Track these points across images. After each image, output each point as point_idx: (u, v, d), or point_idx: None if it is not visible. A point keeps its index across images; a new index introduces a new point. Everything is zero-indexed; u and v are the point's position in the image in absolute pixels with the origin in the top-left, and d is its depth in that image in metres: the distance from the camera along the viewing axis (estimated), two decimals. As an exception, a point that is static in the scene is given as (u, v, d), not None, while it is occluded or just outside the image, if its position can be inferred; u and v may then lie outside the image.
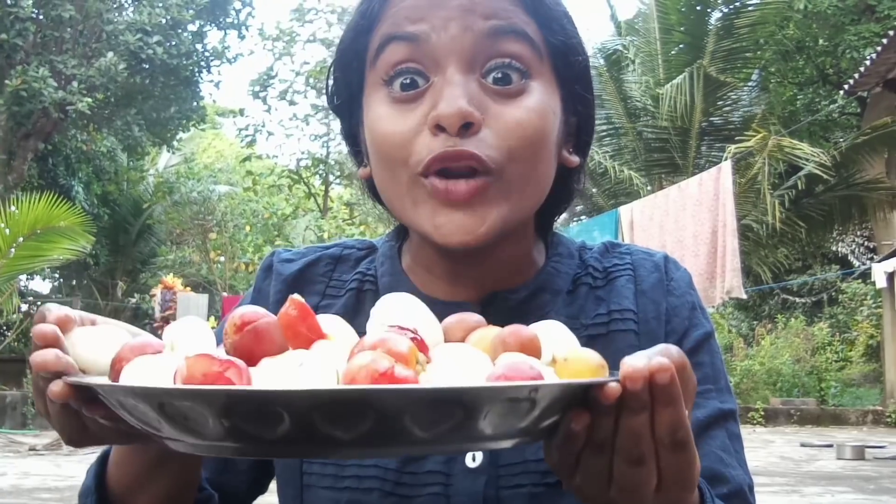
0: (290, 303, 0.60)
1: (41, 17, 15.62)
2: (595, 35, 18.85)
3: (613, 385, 0.55)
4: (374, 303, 0.67)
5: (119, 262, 20.75)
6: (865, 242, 19.27)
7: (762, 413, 15.16)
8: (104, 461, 0.80)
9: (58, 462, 9.72)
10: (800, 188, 13.58)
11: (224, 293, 17.83)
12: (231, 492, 0.91)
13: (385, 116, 0.80)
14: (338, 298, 0.91)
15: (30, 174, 16.74)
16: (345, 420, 0.50)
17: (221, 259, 20.74)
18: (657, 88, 14.54)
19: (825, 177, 12.59)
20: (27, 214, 10.07)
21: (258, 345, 0.57)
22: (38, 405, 0.64)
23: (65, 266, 17.55)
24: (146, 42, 15.92)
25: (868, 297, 17.44)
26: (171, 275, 16.93)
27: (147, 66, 16.52)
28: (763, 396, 15.77)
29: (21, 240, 10.21)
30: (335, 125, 24.11)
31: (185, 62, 17.16)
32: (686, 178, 10.11)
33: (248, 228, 20.88)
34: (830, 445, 11.36)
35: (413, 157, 0.79)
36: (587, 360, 0.59)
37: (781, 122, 16.39)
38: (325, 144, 25.55)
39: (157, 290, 15.50)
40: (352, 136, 0.90)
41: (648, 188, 14.26)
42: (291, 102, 25.68)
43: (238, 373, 0.53)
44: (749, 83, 15.61)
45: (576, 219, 14.62)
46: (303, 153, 26.25)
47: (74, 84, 15.22)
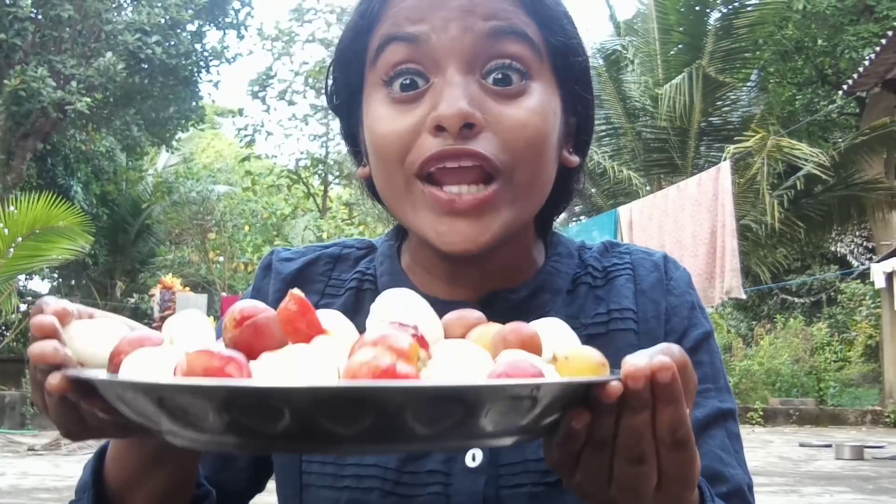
0: (290, 297, 0.60)
1: (40, 17, 15.61)
2: (594, 35, 18.84)
3: (615, 384, 0.55)
4: (373, 302, 0.67)
5: (118, 262, 20.73)
6: (864, 242, 19.28)
7: (761, 413, 15.15)
8: (101, 456, 0.80)
9: (56, 462, 9.70)
10: (799, 188, 13.59)
11: (223, 293, 17.81)
12: (230, 490, 0.91)
13: (385, 117, 0.80)
14: (337, 298, 0.91)
15: (28, 174, 16.73)
16: (346, 416, 0.49)
17: (220, 259, 20.72)
18: (656, 88, 14.54)
19: (824, 177, 12.60)
20: (26, 214, 10.07)
21: (258, 339, 0.57)
22: (36, 398, 0.64)
23: (63, 266, 17.53)
24: (145, 42, 15.90)
25: (867, 298, 17.44)
26: (170, 275, 16.91)
27: (146, 66, 16.51)
28: (762, 396, 15.77)
29: (20, 240, 10.21)
30: (334, 125, 24.17)
31: (184, 62, 17.14)
32: (685, 179, 10.11)
33: (247, 228, 20.85)
34: (829, 445, 11.35)
35: (410, 157, 0.79)
36: (588, 359, 0.59)
37: (780, 123, 16.40)
38: (325, 144, 25.54)
39: (156, 290, 15.49)
40: (351, 136, 0.90)
41: (647, 188, 14.26)
42: (290, 102, 25.67)
43: (238, 368, 0.53)
44: (748, 83, 15.61)
45: (575, 219, 14.62)
46: (302, 153, 26.24)
47: (73, 84, 15.21)
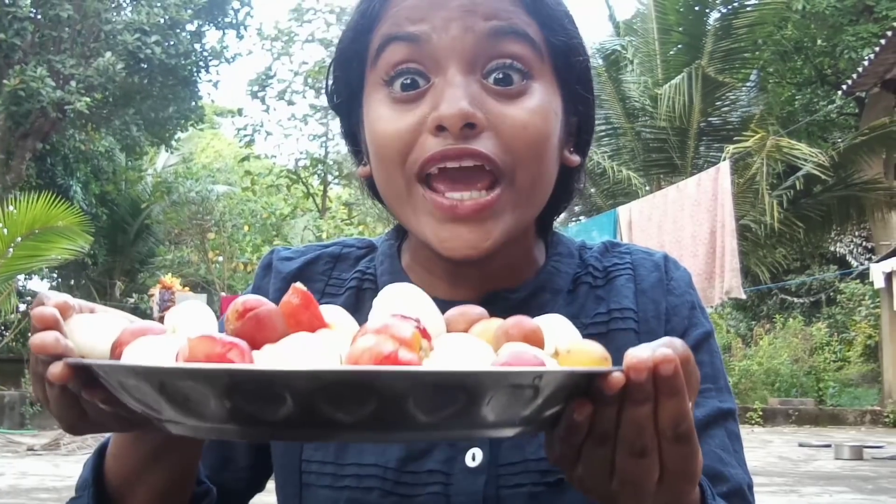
0: (293, 291, 0.60)
1: (39, 17, 15.61)
2: (593, 35, 18.84)
3: (617, 375, 0.54)
4: (373, 302, 0.66)
5: (117, 262, 20.73)
6: (863, 243, 19.29)
7: (760, 413, 15.15)
8: (102, 454, 0.79)
9: (56, 462, 9.70)
10: (798, 188, 13.59)
11: (222, 293, 17.80)
12: (230, 489, 0.91)
13: (385, 117, 0.80)
14: (337, 297, 0.91)
15: (28, 174, 16.73)
16: (348, 402, 0.49)
17: (220, 259, 20.71)
18: (655, 89, 14.54)
19: (823, 177, 12.60)
20: (25, 214, 10.07)
21: (260, 332, 0.57)
22: (37, 391, 0.63)
23: (63, 266, 17.52)
24: (144, 42, 15.90)
25: (866, 298, 17.45)
26: (170, 275, 16.90)
27: (145, 66, 16.51)
28: (761, 396, 15.77)
29: (19, 239, 10.21)
30: (333, 125, 24.17)
31: (184, 62, 17.14)
32: (684, 179, 10.11)
33: (247, 228, 20.84)
34: (829, 445, 11.36)
35: (411, 157, 0.79)
36: (590, 352, 0.58)
37: (780, 123, 16.41)
38: (324, 144, 25.54)
39: (156, 290, 15.49)
40: (352, 135, 0.90)
41: (647, 188, 14.26)
42: (290, 102, 25.67)
43: (240, 354, 0.53)
44: (747, 83, 15.60)
45: (574, 219, 14.61)
46: (301, 153, 26.28)
47: (73, 84, 15.21)
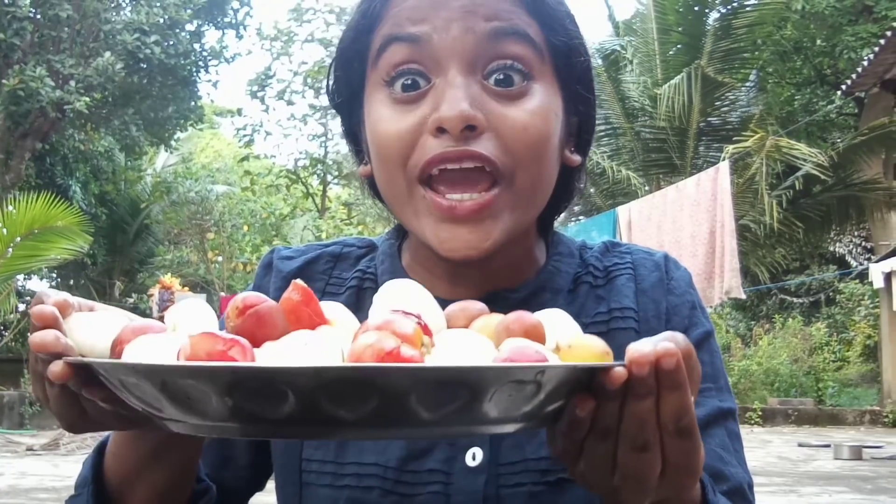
0: (294, 287, 0.60)
1: (39, 17, 15.60)
2: (593, 35, 18.83)
3: (619, 369, 0.55)
4: (373, 301, 0.66)
5: (117, 262, 20.72)
6: (863, 243, 19.29)
7: (760, 413, 15.15)
8: (101, 452, 0.79)
9: (55, 462, 9.70)
10: (797, 188, 13.60)
11: (222, 293, 17.79)
12: (229, 488, 0.90)
13: (386, 117, 0.80)
14: (338, 296, 0.91)
15: (27, 174, 16.72)
16: (350, 399, 0.49)
17: (219, 259, 20.71)
18: (655, 89, 14.54)
19: (823, 177, 12.61)
20: (24, 214, 10.06)
21: (260, 329, 0.56)
22: (37, 390, 0.63)
23: (62, 266, 17.52)
24: (144, 42, 15.90)
25: (865, 298, 17.45)
26: (169, 275, 16.90)
27: (145, 66, 16.50)
28: (761, 396, 15.77)
29: (18, 239, 10.20)
30: (333, 125, 24.19)
31: (183, 62, 17.14)
32: (684, 179, 10.10)
33: (246, 228, 20.84)
34: (828, 445, 11.36)
35: (412, 159, 0.79)
36: (591, 347, 0.58)
37: (779, 123, 16.41)
38: (323, 144, 25.55)
39: (155, 290, 15.48)
40: (352, 134, 0.90)
41: (646, 188, 14.25)
42: (289, 102, 25.68)
43: (242, 351, 0.52)
44: (747, 83, 15.60)
45: (574, 219, 14.60)
46: (301, 153, 26.28)
47: (72, 83, 15.20)
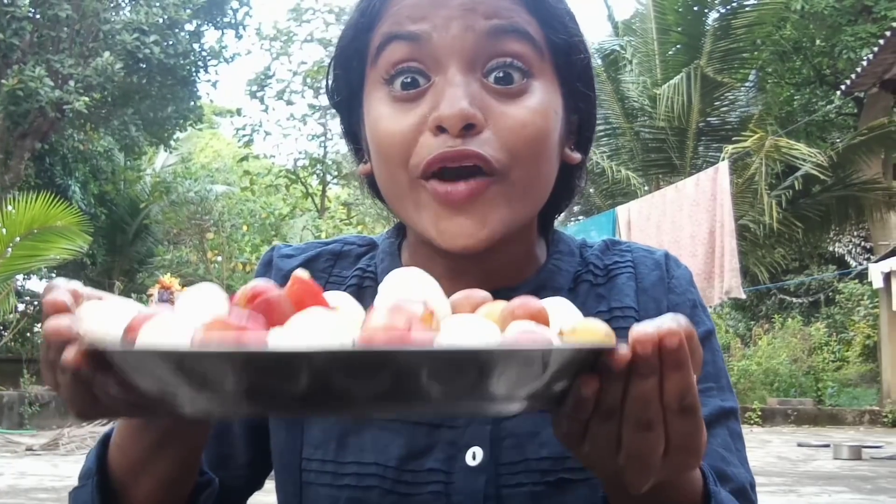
0: (294, 280, 0.60)
1: (38, 17, 15.61)
2: (592, 35, 18.84)
3: (624, 349, 0.56)
4: (374, 299, 0.66)
5: (116, 262, 20.73)
6: (862, 243, 19.32)
7: (759, 413, 15.16)
8: (105, 444, 0.79)
9: (55, 462, 9.70)
10: (797, 188, 13.63)
11: (221, 293, 17.78)
12: (229, 486, 0.90)
13: (386, 116, 0.80)
14: (338, 295, 0.91)
15: (27, 174, 16.73)
16: (364, 378, 0.50)
17: (219, 259, 20.72)
18: (654, 89, 14.56)
19: (822, 177, 12.64)
20: (24, 214, 10.07)
21: (269, 316, 0.57)
22: (48, 378, 0.63)
23: (62, 266, 17.50)
24: (143, 42, 15.90)
25: (865, 298, 17.46)
26: (169, 274, 16.89)
27: (144, 66, 16.51)
28: (760, 396, 15.78)
29: (18, 239, 10.21)
30: (332, 125, 24.20)
31: (183, 62, 17.15)
32: (683, 179, 10.12)
33: (246, 228, 20.86)
34: (827, 445, 11.37)
35: (413, 158, 0.79)
36: (594, 330, 0.59)
37: (778, 123, 16.44)
38: (323, 144, 25.57)
39: (155, 290, 15.46)
40: (352, 133, 0.90)
41: (646, 188, 14.27)
42: (289, 102, 25.71)
43: (259, 330, 0.54)
44: (746, 83, 15.63)
45: (573, 219, 14.62)
46: (300, 153, 26.32)
47: (71, 83, 15.21)
